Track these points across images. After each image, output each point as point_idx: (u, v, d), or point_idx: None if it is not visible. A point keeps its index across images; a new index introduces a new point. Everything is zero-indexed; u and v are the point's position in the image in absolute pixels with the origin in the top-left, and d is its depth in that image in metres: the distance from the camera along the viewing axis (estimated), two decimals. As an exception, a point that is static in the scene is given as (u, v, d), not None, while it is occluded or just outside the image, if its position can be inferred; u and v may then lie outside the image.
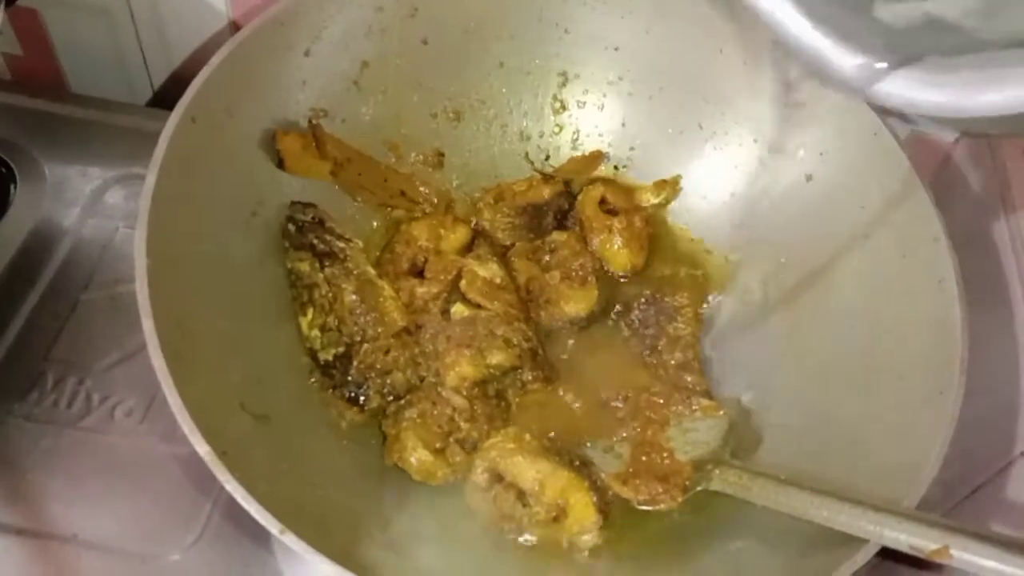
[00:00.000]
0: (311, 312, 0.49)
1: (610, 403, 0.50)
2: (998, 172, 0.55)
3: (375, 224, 0.55)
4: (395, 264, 0.53)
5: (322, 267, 0.49)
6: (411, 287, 0.51)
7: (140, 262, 0.40)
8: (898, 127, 0.52)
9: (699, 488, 0.46)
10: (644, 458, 0.47)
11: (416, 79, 0.56)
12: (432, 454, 0.45)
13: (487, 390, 0.49)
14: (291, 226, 0.50)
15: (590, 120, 0.59)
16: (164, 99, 0.67)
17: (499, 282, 0.51)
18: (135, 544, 0.48)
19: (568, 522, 0.44)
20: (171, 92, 0.67)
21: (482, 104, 0.58)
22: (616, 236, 0.54)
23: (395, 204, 0.55)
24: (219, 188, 0.47)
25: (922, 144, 0.62)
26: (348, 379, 0.47)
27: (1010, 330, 0.49)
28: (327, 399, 0.48)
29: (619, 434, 0.49)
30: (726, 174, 0.57)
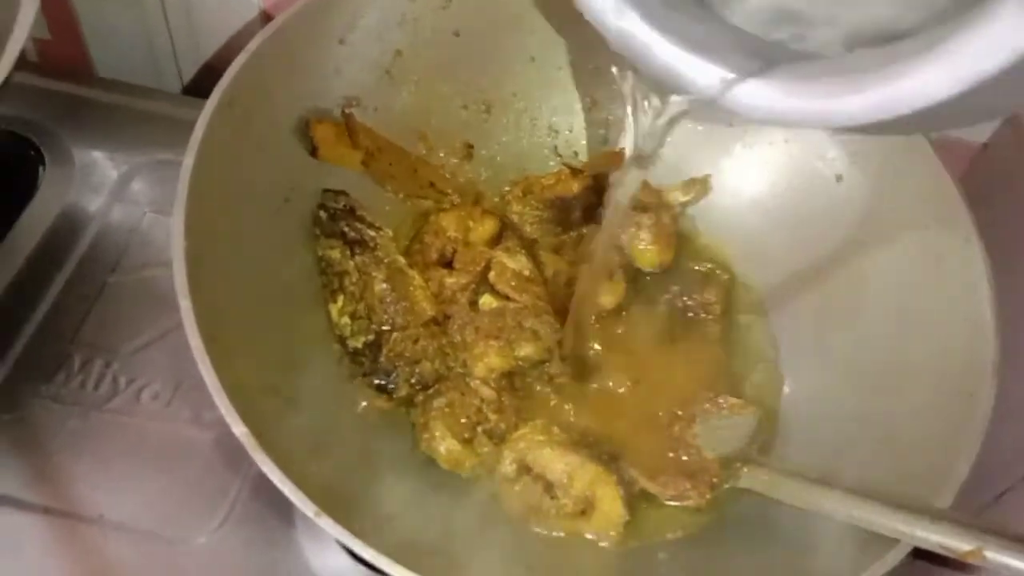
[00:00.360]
0: (341, 299, 0.49)
1: (635, 397, 0.50)
2: (1027, 177, 0.55)
3: (404, 214, 0.55)
4: (424, 254, 0.53)
5: (353, 255, 0.49)
6: (440, 277, 0.51)
7: (178, 243, 0.40)
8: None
9: (727, 486, 0.46)
10: (671, 455, 0.47)
11: (447, 70, 0.56)
12: (460, 443, 0.45)
13: (515, 382, 0.49)
14: (322, 213, 0.50)
15: (620, 116, 0.59)
16: (192, 87, 0.68)
17: (528, 274, 0.51)
18: (161, 526, 0.48)
19: (595, 516, 0.44)
20: (200, 80, 0.67)
21: (512, 97, 0.58)
22: (644, 232, 0.54)
23: (424, 195, 0.55)
24: (253, 173, 0.47)
25: (952, 143, 0.62)
26: (377, 367, 0.47)
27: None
28: (356, 386, 0.47)
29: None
30: (756, 173, 0.57)
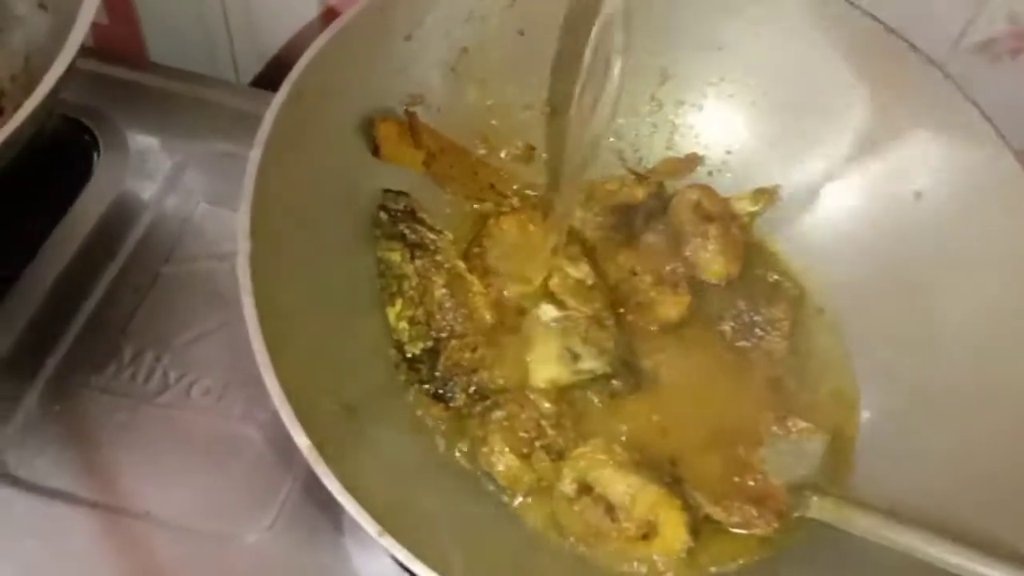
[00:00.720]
0: (399, 303, 0.47)
1: (698, 416, 0.49)
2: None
3: (464, 216, 0.54)
4: (483, 259, 0.51)
5: (412, 258, 0.48)
6: (500, 285, 0.50)
7: (243, 243, 0.39)
8: (1012, 142, 0.50)
9: (795, 514, 0.44)
10: (736, 479, 0.45)
11: (513, 69, 0.54)
12: (519, 459, 0.44)
13: (574, 395, 0.48)
14: (383, 214, 0.49)
15: (686, 121, 0.58)
16: (249, 77, 0.67)
17: (591, 283, 0.50)
18: (209, 524, 0.47)
19: (657, 540, 0.43)
20: (257, 70, 0.66)
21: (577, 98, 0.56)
22: (711, 243, 0.53)
23: (484, 197, 0.54)
24: (317, 170, 0.46)
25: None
26: (435, 375, 0.46)
27: None
28: (414, 395, 0.46)
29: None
30: (828, 186, 0.55)
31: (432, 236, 0.49)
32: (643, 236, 0.54)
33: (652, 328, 0.51)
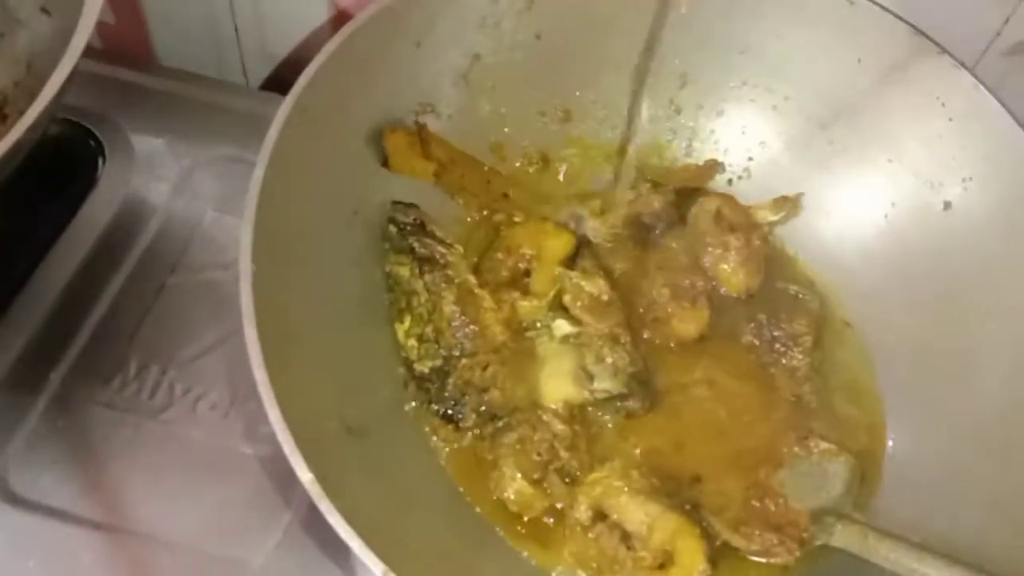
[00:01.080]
0: (408, 320, 0.46)
1: (716, 436, 0.47)
2: None
3: (475, 226, 0.52)
4: (495, 272, 0.50)
5: (422, 273, 0.47)
6: (512, 301, 0.48)
7: (245, 268, 0.37)
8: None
9: (818, 543, 0.42)
10: (756, 503, 0.44)
11: (527, 76, 0.53)
12: (531, 484, 0.43)
13: (588, 416, 0.46)
14: (392, 227, 0.47)
15: (706, 127, 0.56)
16: (257, 80, 0.65)
17: (606, 299, 0.48)
18: (214, 545, 0.46)
19: (675, 570, 0.42)
20: (266, 74, 0.65)
21: (593, 104, 0.55)
22: (732, 254, 0.51)
23: (498, 208, 0.52)
24: (324, 183, 0.45)
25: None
26: (445, 395, 0.45)
27: None
28: (421, 414, 0.45)
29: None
30: (853, 195, 0.53)
31: (442, 250, 0.47)
32: (660, 248, 0.52)
33: (670, 344, 0.50)
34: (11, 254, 0.54)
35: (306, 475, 0.34)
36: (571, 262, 0.50)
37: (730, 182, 0.56)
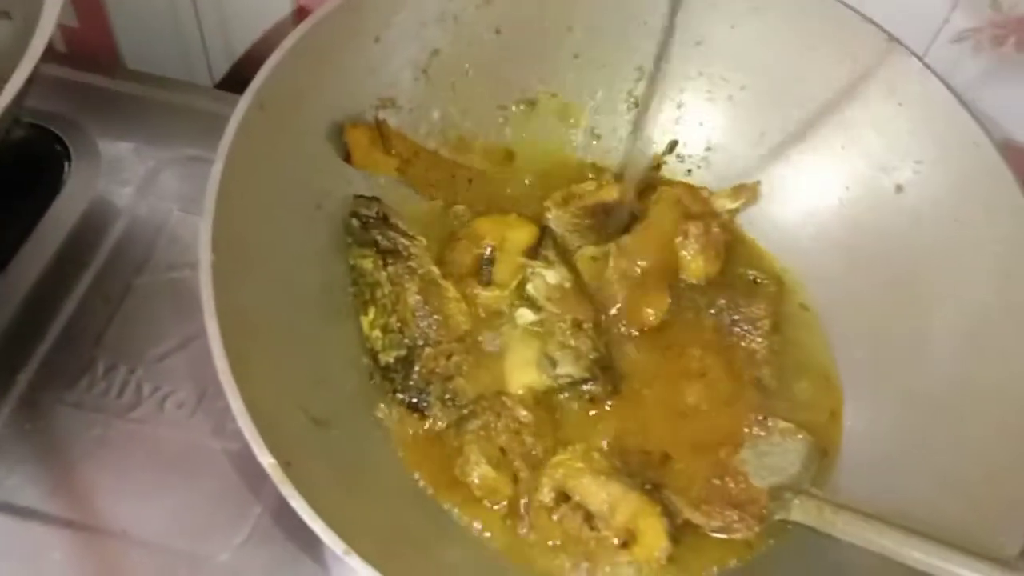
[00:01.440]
0: (373, 311, 0.47)
1: (678, 419, 0.48)
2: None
3: (437, 216, 0.53)
4: (458, 263, 0.50)
5: (385, 265, 0.47)
6: (475, 290, 0.49)
7: (205, 257, 0.38)
8: (993, 133, 0.50)
9: (777, 518, 0.43)
10: (717, 482, 0.45)
11: (486, 69, 0.54)
12: (495, 470, 0.43)
13: (552, 401, 0.47)
14: (355, 221, 0.48)
15: (665, 118, 0.57)
16: (222, 80, 0.66)
17: (568, 287, 0.49)
18: (184, 542, 0.46)
19: (637, 548, 0.42)
20: (230, 74, 0.65)
21: (553, 98, 0.56)
22: (692, 242, 0.52)
23: (464, 200, 0.53)
24: (284, 179, 0.45)
25: (1016, 152, 0.58)
26: (410, 384, 0.45)
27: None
28: (387, 405, 0.46)
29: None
30: (809, 181, 0.54)
31: (405, 242, 0.48)
32: (622, 236, 0.53)
33: (632, 330, 0.50)
34: (-22, 257, 0.54)
35: (267, 459, 0.34)
36: (534, 252, 0.51)
37: (689, 172, 0.57)
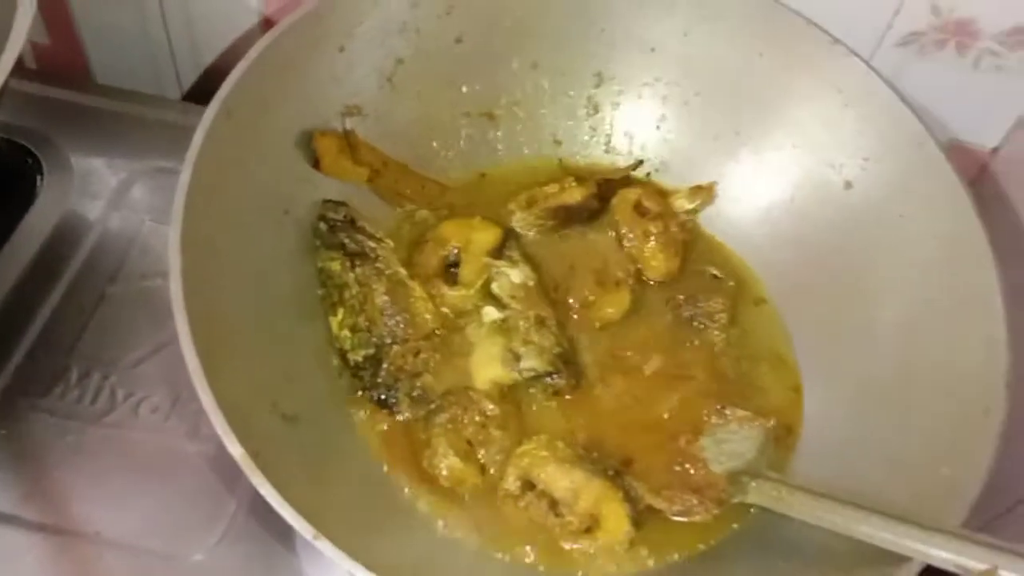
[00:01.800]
0: (341, 312, 0.48)
1: (640, 410, 0.49)
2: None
3: (404, 220, 0.54)
4: (424, 265, 0.52)
5: (353, 267, 0.48)
6: (442, 290, 0.50)
7: (174, 260, 0.39)
8: (938, 134, 0.52)
9: (735, 500, 0.45)
10: (677, 468, 0.46)
11: (450, 78, 0.55)
12: (463, 460, 0.45)
13: (518, 395, 0.48)
14: (322, 225, 0.49)
15: (624, 123, 0.59)
16: (192, 93, 0.67)
17: (532, 285, 0.51)
18: (158, 543, 0.47)
19: (600, 533, 0.44)
20: (199, 86, 0.66)
21: (515, 105, 0.57)
22: (652, 241, 0.54)
23: (434, 207, 0.54)
24: (252, 184, 0.46)
25: (960, 152, 0.61)
26: (378, 381, 0.47)
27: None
28: (357, 401, 0.47)
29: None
30: (763, 180, 0.56)
31: (372, 244, 0.49)
32: (584, 237, 0.55)
33: (595, 326, 0.52)
34: (-48, 271, 0.55)
35: (237, 449, 0.35)
36: (498, 253, 0.53)
37: (648, 175, 0.59)
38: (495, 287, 0.50)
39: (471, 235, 0.53)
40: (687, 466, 0.46)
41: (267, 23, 0.61)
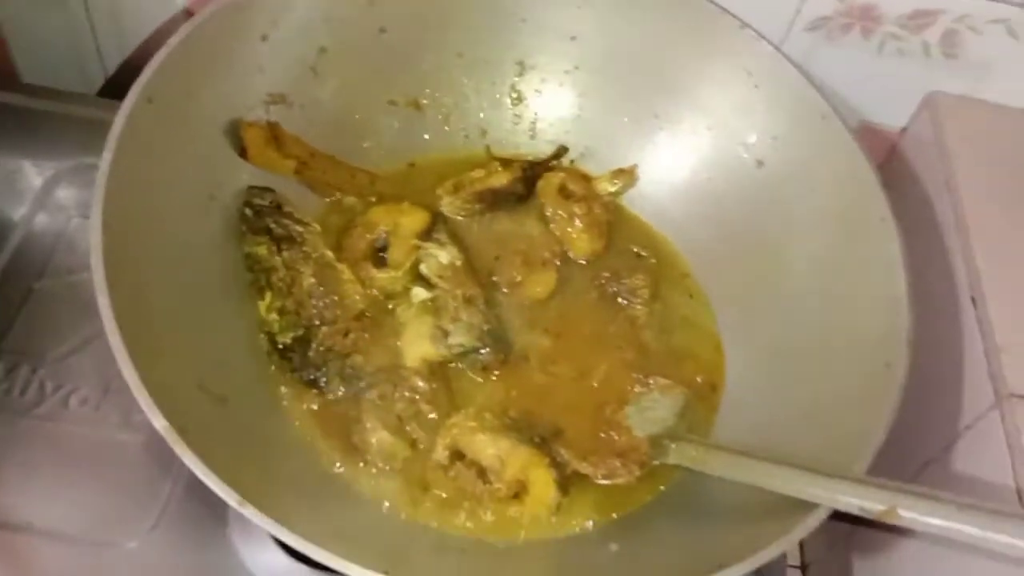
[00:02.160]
0: (269, 295, 0.49)
1: (567, 383, 0.51)
2: (942, 158, 0.57)
3: (332, 207, 0.55)
4: (353, 249, 0.53)
5: (280, 251, 0.49)
6: (370, 272, 0.51)
7: (95, 238, 0.39)
8: (848, 116, 0.54)
9: (656, 462, 0.46)
10: (603, 435, 0.48)
11: (374, 68, 0.56)
12: (393, 434, 0.46)
13: (447, 370, 0.49)
14: (248, 210, 0.50)
15: (547, 110, 0.60)
16: (117, 88, 0.67)
17: (459, 264, 0.52)
18: (91, 532, 0.47)
19: (528, 498, 0.45)
20: (125, 81, 0.66)
21: (440, 94, 0.59)
22: (576, 222, 0.55)
23: (364, 195, 0.55)
24: (176, 170, 0.47)
25: (871, 133, 0.64)
26: (307, 362, 0.47)
27: (954, 307, 0.51)
28: (286, 382, 0.47)
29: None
30: (681, 162, 0.58)
31: (299, 228, 0.50)
32: (511, 219, 0.56)
33: (523, 304, 0.53)
34: None
35: (161, 422, 0.36)
36: (427, 236, 0.54)
37: (572, 162, 0.60)
38: (423, 268, 0.51)
39: (399, 219, 0.54)
40: (612, 433, 0.48)
41: (189, 15, 0.61)
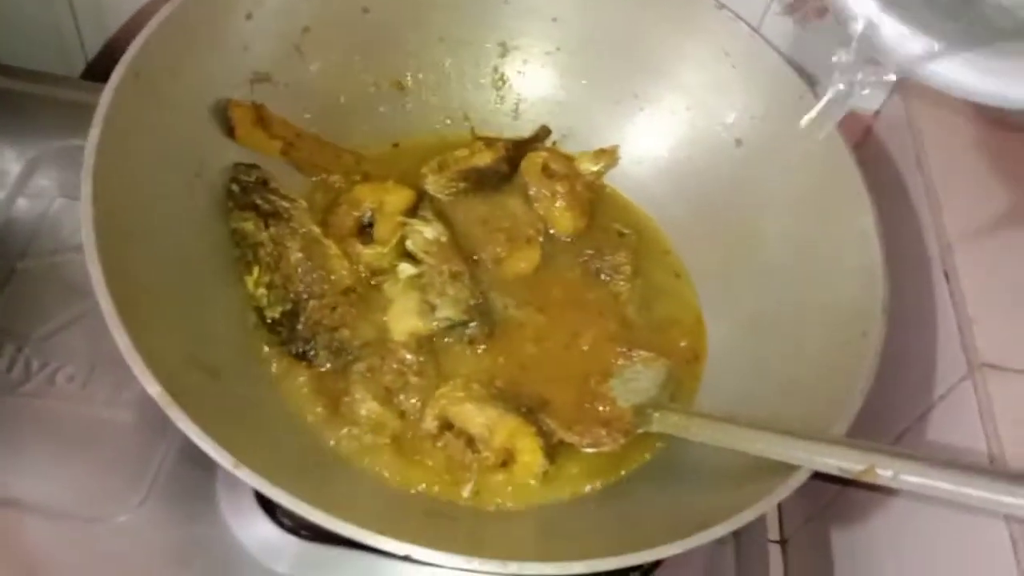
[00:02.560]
0: (256, 270, 0.49)
1: (553, 357, 0.52)
2: (914, 138, 0.58)
3: (318, 185, 0.55)
4: (339, 226, 0.53)
5: (266, 226, 0.49)
6: (357, 248, 0.52)
7: (86, 209, 0.40)
8: (821, 92, 0.56)
9: (640, 431, 0.48)
10: (588, 406, 0.49)
11: (357, 47, 0.57)
12: (381, 405, 0.46)
13: (434, 344, 0.50)
14: (235, 186, 0.50)
15: (529, 91, 0.61)
16: (98, 70, 0.67)
17: (445, 240, 0.52)
18: (80, 507, 0.47)
19: (516, 467, 0.46)
20: (105, 63, 0.66)
21: (424, 74, 0.59)
22: (559, 200, 0.56)
23: (350, 174, 0.55)
24: (163, 146, 0.47)
25: (847, 117, 0.64)
26: (296, 335, 0.48)
27: (928, 282, 0.53)
28: (275, 355, 0.48)
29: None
30: (661, 141, 0.59)
31: (285, 204, 0.50)
32: (495, 197, 0.57)
33: (508, 279, 0.54)
34: None
35: (155, 388, 0.36)
36: (412, 213, 0.54)
37: (555, 143, 0.61)
38: (409, 244, 0.52)
39: (385, 197, 0.54)
40: (596, 404, 0.49)
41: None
